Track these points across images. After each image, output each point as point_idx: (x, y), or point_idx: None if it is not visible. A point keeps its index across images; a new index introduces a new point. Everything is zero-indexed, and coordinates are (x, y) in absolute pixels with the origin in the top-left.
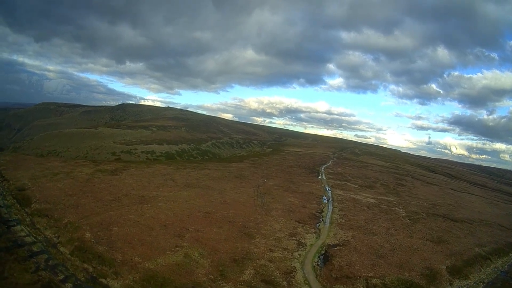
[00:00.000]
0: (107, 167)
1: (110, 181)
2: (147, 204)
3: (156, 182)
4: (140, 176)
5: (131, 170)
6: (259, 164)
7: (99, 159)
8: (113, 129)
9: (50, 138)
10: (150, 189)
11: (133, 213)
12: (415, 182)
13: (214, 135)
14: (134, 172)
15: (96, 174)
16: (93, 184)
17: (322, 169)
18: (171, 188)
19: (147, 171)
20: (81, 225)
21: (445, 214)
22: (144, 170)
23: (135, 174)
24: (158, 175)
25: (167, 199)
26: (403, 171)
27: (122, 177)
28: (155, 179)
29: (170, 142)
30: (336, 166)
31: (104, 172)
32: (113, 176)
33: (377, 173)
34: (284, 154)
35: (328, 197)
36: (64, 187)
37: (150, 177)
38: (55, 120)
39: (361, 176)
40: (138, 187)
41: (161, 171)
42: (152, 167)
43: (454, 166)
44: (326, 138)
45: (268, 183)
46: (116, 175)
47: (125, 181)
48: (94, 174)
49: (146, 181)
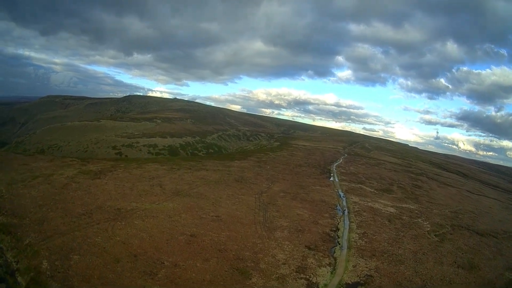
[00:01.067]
0: (92, 168)
1: (88, 187)
2: (121, 221)
3: (140, 189)
4: (124, 180)
5: (117, 172)
6: (264, 162)
7: (99, 153)
8: (115, 122)
9: (52, 131)
10: (130, 198)
11: (102, 234)
12: (431, 183)
13: (220, 127)
14: (120, 175)
15: (77, 177)
16: (68, 191)
17: (334, 168)
18: (156, 198)
19: (135, 173)
20: (40, 249)
21: (469, 225)
22: (131, 172)
23: (120, 177)
24: (145, 178)
25: (147, 213)
26: (416, 170)
27: (103, 182)
28: (140, 184)
29: (174, 135)
30: (348, 164)
31: (87, 174)
32: (94, 180)
33: (391, 173)
34: (292, 149)
35: (343, 206)
36: (38, 195)
37: (136, 181)
38: (60, 113)
39: (376, 176)
40: (117, 196)
41: (150, 173)
42: (142, 167)
43: (463, 163)
44: (335, 131)
45: (274, 188)
46: (98, 179)
47: (105, 186)
48: (75, 178)
49: (129, 187)
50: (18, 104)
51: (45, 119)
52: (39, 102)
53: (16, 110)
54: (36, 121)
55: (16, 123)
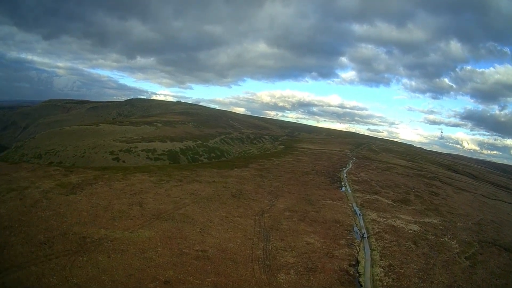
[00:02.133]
0: (73, 179)
1: (59, 205)
2: (84, 255)
3: (115, 209)
4: (101, 197)
5: (97, 185)
6: (267, 171)
7: (95, 159)
8: (114, 126)
9: (51, 136)
10: (101, 222)
11: (59, 273)
12: (446, 189)
13: (223, 130)
14: (98, 189)
15: (52, 191)
16: (37, 210)
17: (344, 175)
18: (131, 222)
19: (116, 187)
20: None
21: (495, 240)
22: (112, 186)
23: (97, 193)
24: (126, 194)
25: (116, 245)
26: (428, 173)
27: (77, 198)
28: (118, 203)
29: (175, 139)
30: (359, 170)
31: (64, 188)
32: (68, 195)
33: (404, 178)
34: (297, 153)
35: (360, 227)
36: (6, 213)
37: (114, 198)
38: (62, 117)
39: (390, 184)
40: (87, 218)
41: (133, 188)
42: (128, 178)
43: (470, 163)
44: (340, 133)
45: (277, 205)
46: (73, 194)
47: (78, 205)
48: (49, 192)
49: (103, 206)
50: (20, 108)
51: (46, 123)
52: (40, 106)
53: (17, 114)
54: (37, 125)
55: (18, 127)
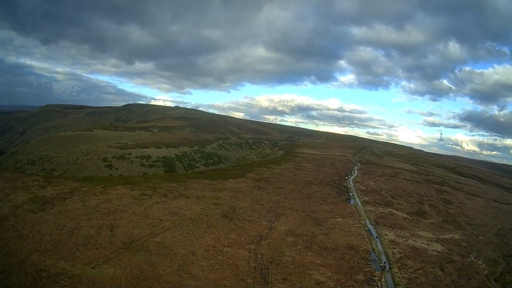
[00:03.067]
0: (49, 192)
1: (25, 224)
2: None
3: (83, 233)
4: (71, 216)
5: (71, 201)
6: (266, 181)
7: (88, 166)
8: (108, 132)
9: (45, 142)
10: (63, 250)
11: None
12: (458, 195)
13: (221, 135)
14: (71, 206)
15: (23, 206)
16: (1, 229)
17: (351, 184)
18: (96, 252)
19: (90, 204)
20: None
21: None
22: (86, 202)
23: (68, 210)
24: (99, 213)
25: (73, 284)
26: (435, 177)
27: (45, 217)
28: (87, 225)
29: (170, 144)
30: (365, 177)
31: (36, 202)
32: (37, 213)
33: (414, 185)
34: (298, 159)
35: (379, 253)
36: None
37: (85, 218)
38: (59, 122)
39: (401, 193)
40: (49, 245)
41: (109, 205)
42: (107, 192)
43: (471, 164)
44: (340, 137)
45: (278, 227)
46: (42, 211)
47: (43, 226)
48: (20, 208)
49: (70, 229)
50: (17, 113)
51: (43, 129)
52: (38, 111)
53: (15, 119)
54: (34, 131)
55: (15, 132)
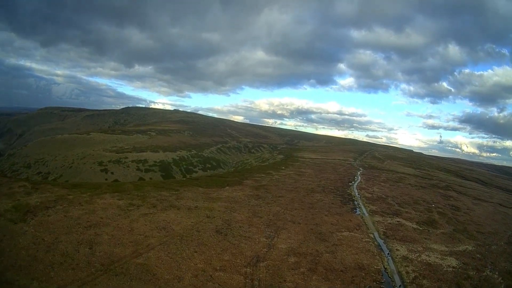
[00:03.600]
0: (33, 200)
1: (4, 236)
2: None
3: (60, 249)
4: (50, 229)
5: (54, 210)
6: (265, 189)
7: (83, 169)
8: (105, 135)
9: (42, 145)
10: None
11: None
12: (464, 200)
13: (220, 139)
14: (52, 217)
15: (5, 215)
16: None
17: (355, 191)
18: (71, 274)
19: (72, 215)
20: None
21: None
22: (68, 213)
23: (48, 222)
24: (80, 226)
25: None
26: (439, 182)
27: (25, 228)
28: (66, 239)
29: (168, 148)
30: (370, 183)
31: (18, 211)
32: (18, 223)
33: (420, 191)
34: (298, 164)
35: (391, 273)
36: None
37: (64, 231)
38: (57, 125)
39: (408, 200)
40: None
41: (92, 216)
42: (92, 202)
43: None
44: (339, 140)
45: (278, 244)
46: (23, 221)
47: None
48: (1, 217)
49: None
50: (16, 115)
51: (42, 131)
52: (36, 114)
53: (13, 121)
54: (32, 133)
55: (13, 134)
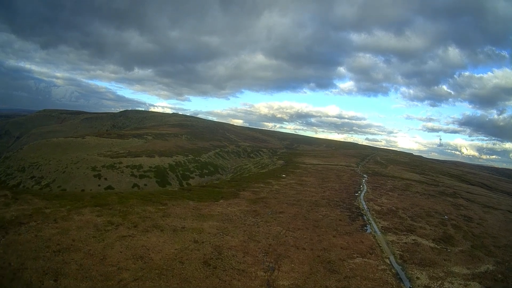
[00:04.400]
0: (8, 213)
1: None
2: None
3: (24, 279)
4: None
5: (26, 228)
6: (263, 202)
7: (76, 175)
8: (100, 139)
9: (37, 148)
10: None
11: None
12: (475, 208)
13: (219, 143)
14: (22, 236)
15: None
16: None
17: (363, 202)
18: None
19: (44, 235)
20: None
21: None
22: (41, 231)
23: (19, 242)
24: (49, 249)
25: None
26: (446, 189)
27: None
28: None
29: (164, 153)
30: (377, 193)
31: None
32: None
33: (429, 201)
34: (300, 171)
35: None
36: None
37: (32, 255)
38: (55, 128)
39: (419, 212)
40: None
41: (64, 237)
42: (68, 218)
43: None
44: (340, 144)
45: (279, 280)
46: None
47: None
48: None
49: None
50: (14, 117)
51: (39, 134)
52: (35, 116)
53: (11, 123)
54: (30, 136)
55: (11, 136)
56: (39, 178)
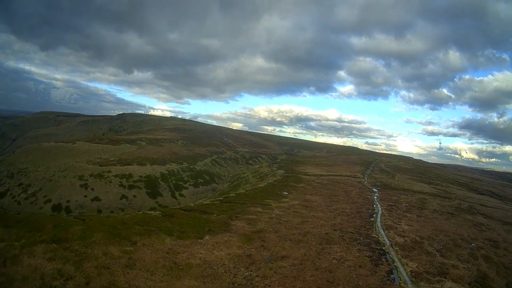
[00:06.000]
0: None
1: None
2: None
3: None
4: None
5: None
6: (261, 241)
7: (63, 184)
8: (90, 144)
9: (29, 152)
10: None
11: None
12: (495, 226)
13: (216, 149)
14: None
15: None
16: None
17: (382, 231)
18: None
19: None
20: None
21: None
22: None
23: None
24: None
25: None
26: (460, 202)
27: None
28: None
29: (156, 161)
30: (393, 215)
31: None
32: None
33: (450, 222)
34: (303, 185)
35: None
36: None
37: None
38: (51, 130)
39: (445, 240)
40: None
41: None
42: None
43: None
44: (340, 148)
45: None
46: None
47: None
48: None
49: None
50: (12, 119)
51: (35, 136)
52: (31, 118)
53: (7, 125)
54: (26, 138)
55: (7, 139)
56: (26, 186)
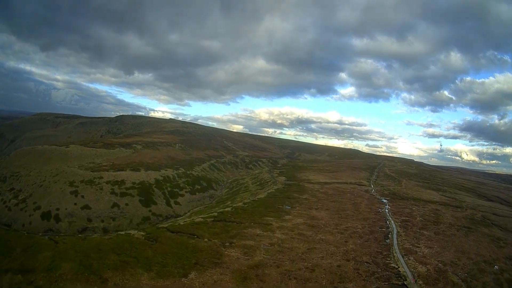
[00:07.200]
0: None
1: None
2: None
3: None
4: None
5: None
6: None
7: (53, 190)
8: (84, 148)
9: (23, 156)
10: None
11: None
12: None
13: (215, 152)
14: None
15: None
16: None
17: (402, 261)
18: None
19: None
20: None
21: None
22: None
23: None
24: None
25: None
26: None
27: None
28: None
29: (151, 166)
30: (410, 234)
31: None
32: None
33: (469, 240)
34: (307, 196)
35: None
36: None
37: None
38: (48, 132)
39: (469, 265)
40: None
41: None
42: None
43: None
44: (342, 151)
45: None
46: None
47: None
48: None
49: None
50: (11, 120)
51: (32, 138)
52: (30, 119)
53: (6, 126)
54: (23, 139)
55: (5, 139)
56: (18, 191)
